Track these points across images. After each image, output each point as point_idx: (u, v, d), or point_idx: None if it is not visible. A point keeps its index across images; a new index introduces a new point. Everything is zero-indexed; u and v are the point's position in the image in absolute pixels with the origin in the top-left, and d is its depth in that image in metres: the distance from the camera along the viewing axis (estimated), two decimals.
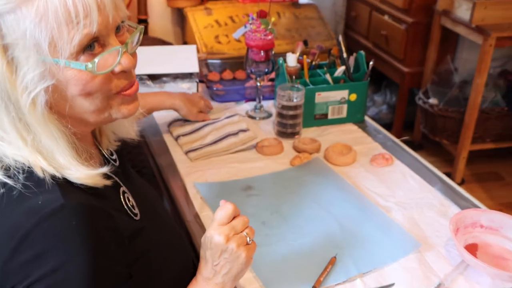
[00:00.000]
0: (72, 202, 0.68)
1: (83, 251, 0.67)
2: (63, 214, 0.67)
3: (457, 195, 1.25)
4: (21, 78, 0.66)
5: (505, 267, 1.04)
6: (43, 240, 0.66)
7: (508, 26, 2.33)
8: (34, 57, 0.66)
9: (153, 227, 0.86)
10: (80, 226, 0.67)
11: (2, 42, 0.65)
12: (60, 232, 0.67)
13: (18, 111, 0.68)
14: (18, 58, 0.66)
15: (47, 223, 0.66)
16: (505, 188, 2.67)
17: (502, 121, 2.61)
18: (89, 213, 0.69)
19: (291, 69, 1.55)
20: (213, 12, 2.39)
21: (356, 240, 1.09)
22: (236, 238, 0.83)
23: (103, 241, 0.70)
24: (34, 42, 0.65)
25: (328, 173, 1.32)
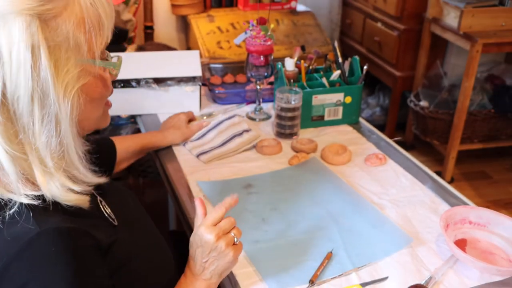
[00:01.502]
0: (48, 228, 0.65)
1: (66, 275, 0.65)
2: (40, 242, 0.65)
3: (447, 193, 1.24)
4: (63, 78, 0.67)
5: (492, 261, 1.03)
6: (24, 271, 0.64)
7: (494, 33, 2.33)
8: (74, 58, 0.68)
9: (132, 233, 0.85)
10: (59, 250, 0.65)
11: (48, 44, 0.65)
12: (40, 260, 0.64)
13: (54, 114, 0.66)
14: (61, 59, 0.67)
15: (26, 253, 0.64)
16: (492, 186, 2.67)
17: (489, 123, 2.60)
18: (67, 236, 0.67)
19: (289, 73, 1.55)
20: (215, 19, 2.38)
21: (351, 236, 1.08)
22: (224, 237, 0.86)
23: (84, 260, 0.68)
24: (74, 43, 0.68)
25: (325, 172, 1.31)
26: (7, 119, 0.65)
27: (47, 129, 0.66)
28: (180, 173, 1.31)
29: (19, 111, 0.65)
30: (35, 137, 0.66)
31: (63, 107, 0.67)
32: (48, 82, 0.65)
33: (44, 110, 0.66)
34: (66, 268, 0.65)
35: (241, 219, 1.13)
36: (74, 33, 0.67)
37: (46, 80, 0.65)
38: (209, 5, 2.50)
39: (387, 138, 1.51)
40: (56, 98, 0.66)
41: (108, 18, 0.72)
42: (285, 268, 0.99)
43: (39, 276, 0.64)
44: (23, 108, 0.65)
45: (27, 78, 0.63)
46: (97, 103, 0.76)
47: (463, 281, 0.98)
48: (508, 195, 2.60)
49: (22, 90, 0.64)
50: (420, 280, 0.97)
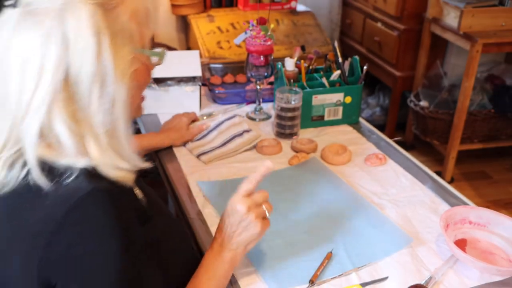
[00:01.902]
0: (100, 187, 0.70)
1: (115, 233, 0.69)
2: (92, 200, 0.69)
3: (447, 193, 1.24)
4: (119, 63, 0.72)
5: (492, 261, 1.03)
6: (77, 227, 0.68)
7: (494, 33, 2.32)
8: (128, 46, 0.74)
9: (159, 216, 0.89)
10: (110, 209, 0.70)
11: (109, 32, 0.71)
12: (93, 217, 0.69)
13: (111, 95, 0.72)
14: (118, 46, 0.72)
15: (78, 211, 0.68)
16: (492, 186, 2.67)
17: (489, 123, 2.60)
18: (117, 196, 0.72)
19: (289, 73, 1.54)
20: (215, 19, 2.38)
21: (351, 236, 1.08)
22: (255, 209, 0.88)
23: (131, 221, 0.73)
24: (129, 33, 0.74)
25: (325, 172, 1.31)
26: (69, 97, 0.70)
27: (103, 109, 0.72)
28: (180, 173, 1.31)
29: (80, 91, 0.70)
30: (93, 115, 0.72)
31: (118, 90, 0.72)
32: (108, 66, 0.71)
33: (103, 91, 0.71)
34: (115, 228, 0.70)
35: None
36: (129, 24, 0.74)
37: (107, 64, 0.71)
38: (209, 5, 2.50)
39: (387, 138, 1.51)
40: (114, 81, 0.72)
41: (154, 12, 0.80)
42: (285, 268, 0.99)
43: (91, 233, 0.69)
44: (84, 88, 0.70)
45: (91, 62, 0.69)
46: (141, 90, 0.84)
47: (463, 281, 0.98)
48: (508, 195, 2.60)
49: (85, 72, 0.69)
50: (420, 280, 0.97)
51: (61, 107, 0.69)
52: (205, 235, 1.09)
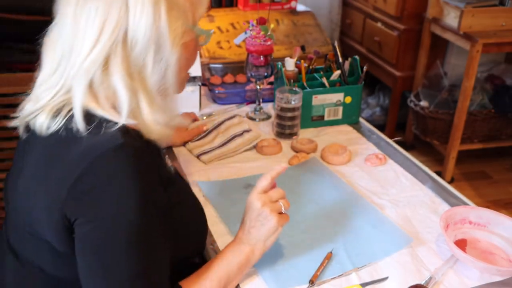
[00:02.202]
0: (129, 142, 0.76)
1: (135, 188, 0.74)
2: (120, 153, 0.74)
3: (447, 193, 1.24)
4: (173, 32, 0.79)
5: (492, 261, 1.03)
6: (102, 173, 0.74)
7: (494, 33, 2.32)
8: (181, 19, 0.81)
9: (182, 188, 0.96)
10: (135, 162, 0.75)
11: (166, 4, 0.78)
12: (118, 168, 0.74)
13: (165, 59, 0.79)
14: (173, 18, 0.79)
15: (104, 160, 0.74)
16: (492, 186, 2.67)
17: (489, 123, 2.60)
18: (145, 155, 0.77)
19: (289, 73, 1.54)
20: (215, 19, 2.38)
21: (351, 236, 1.08)
22: (270, 204, 0.92)
23: (153, 181, 0.78)
24: (183, 9, 0.82)
25: (325, 172, 1.31)
26: (126, 56, 0.77)
27: (158, 71, 0.79)
28: (180, 173, 1.31)
29: (137, 52, 0.77)
30: (148, 76, 0.79)
31: (171, 56, 0.79)
32: (163, 33, 0.78)
33: (157, 55, 0.79)
34: (138, 182, 0.75)
35: (241, 219, 1.12)
36: (184, 1, 0.82)
37: (162, 31, 0.78)
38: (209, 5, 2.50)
39: (387, 138, 1.51)
40: (168, 47, 0.79)
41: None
42: (285, 268, 0.99)
43: (114, 182, 0.74)
44: (141, 50, 0.77)
45: (147, 27, 0.76)
46: (189, 64, 0.90)
47: (463, 281, 0.98)
48: (508, 195, 2.60)
49: (141, 35, 0.76)
50: (420, 280, 0.97)
51: (118, 63, 0.77)
52: None
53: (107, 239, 0.74)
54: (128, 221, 0.74)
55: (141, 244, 0.76)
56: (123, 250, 0.75)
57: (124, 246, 0.75)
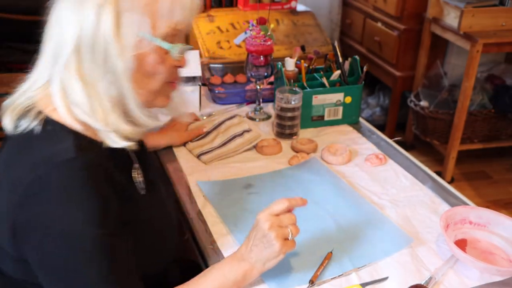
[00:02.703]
0: (81, 157, 0.75)
1: (85, 198, 0.74)
2: (71, 166, 0.74)
3: (447, 193, 1.24)
4: (122, 40, 0.76)
5: (492, 261, 1.03)
6: (51, 187, 0.73)
7: (494, 33, 2.32)
8: (135, 28, 0.77)
9: (154, 207, 0.92)
10: (84, 176, 0.74)
11: (116, 8, 0.76)
12: (67, 181, 0.73)
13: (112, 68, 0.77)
14: (124, 25, 0.77)
15: (57, 172, 0.73)
16: (492, 186, 2.67)
17: (489, 123, 2.60)
18: (94, 167, 0.76)
19: (289, 73, 1.54)
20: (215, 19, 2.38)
21: (351, 236, 1.08)
22: (278, 229, 0.88)
23: (103, 190, 0.76)
24: (139, 17, 0.77)
25: (324, 172, 1.31)
26: (80, 60, 0.77)
27: (105, 78, 0.78)
28: (180, 173, 1.31)
29: (85, 57, 0.77)
30: (97, 81, 0.78)
31: (119, 64, 0.77)
32: (108, 40, 0.76)
33: (104, 62, 0.77)
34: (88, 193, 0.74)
35: (241, 219, 1.13)
36: (142, 8, 0.77)
37: (107, 37, 0.76)
38: (209, 5, 2.50)
39: (387, 138, 1.51)
40: (114, 55, 0.76)
41: (183, 10, 0.80)
42: (285, 268, 0.99)
43: (64, 195, 0.73)
44: (88, 55, 0.77)
45: (92, 32, 0.75)
46: (151, 77, 0.83)
47: (463, 281, 0.98)
48: (508, 195, 2.60)
49: (87, 40, 0.76)
50: (420, 280, 0.97)
51: (75, 68, 0.77)
52: (205, 235, 1.09)
53: (59, 252, 0.73)
54: (78, 233, 0.73)
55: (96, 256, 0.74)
56: (78, 263, 0.74)
57: (79, 260, 0.74)
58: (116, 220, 0.78)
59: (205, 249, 1.05)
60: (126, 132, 0.81)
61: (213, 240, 1.07)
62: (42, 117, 0.79)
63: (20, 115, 0.80)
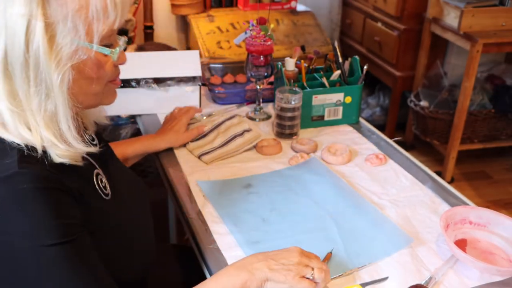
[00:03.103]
0: (25, 170, 0.71)
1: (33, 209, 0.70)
2: (13, 180, 0.70)
3: (447, 193, 1.24)
4: (55, 53, 0.73)
5: (492, 261, 1.03)
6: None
7: (494, 33, 2.33)
8: (69, 37, 0.73)
9: (123, 210, 0.90)
10: (28, 188, 0.71)
11: (46, 21, 0.71)
12: (12, 196, 0.70)
13: (46, 82, 0.73)
14: (57, 36, 0.72)
15: (2, 187, 0.70)
16: (492, 186, 2.67)
17: (489, 123, 2.60)
18: (40, 179, 0.72)
19: (289, 73, 1.55)
20: (215, 19, 2.38)
21: (351, 236, 1.08)
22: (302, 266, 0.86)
23: (52, 198, 0.73)
24: (72, 25, 0.73)
25: (324, 172, 1.31)
26: (8, 78, 0.73)
27: (39, 94, 0.73)
28: (180, 173, 1.31)
29: (16, 74, 0.72)
30: (30, 98, 0.73)
31: (54, 78, 0.73)
32: (39, 54, 0.71)
33: (37, 78, 0.73)
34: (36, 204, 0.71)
35: (241, 219, 1.13)
36: (74, 16, 0.72)
37: (38, 51, 0.71)
38: (209, 5, 2.50)
39: (387, 138, 1.51)
40: (48, 70, 0.72)
41: (117, 8, 0.76)
42: None
43: (10, 211, 0.70)
44: (19, 72, 0.72)
45: (21, 47, 0.71)
46: (93, 81, 0.80)
47: (463, 281, 0.98)
48: (508, 195, 2.60)
49: (17, 56, 0.71)
50: (420, 280, 0.97)
51: (1, 87, 0.73)
52: (205, 235, 1.09)
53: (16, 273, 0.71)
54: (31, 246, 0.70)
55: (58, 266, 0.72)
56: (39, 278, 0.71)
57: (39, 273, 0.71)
58: (73, 227, 0.75)
59: (205, 249, 1.05)
60: (62, 152, 0.77)
61: (212, 240, 1.07)
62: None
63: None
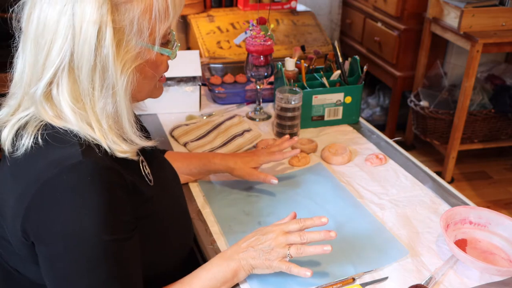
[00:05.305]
0: (89, 160, 0.74)
1: (95, 202, 0.73)
2: (80, 169, 0.73)
3: (447, 193, 1.24)
4: (122, 57, 0.75)
5: (492, 261, 1.03)
6: (60, 190, 0.72)
7: (494, 33, 2.32)
8: (135, 40, 0.75)
9: (164, 196, 0.92)
10: (93, 180, 0.73)
11: (114, 26, 0.73)
12: (76, 185, 0.73)
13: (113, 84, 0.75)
14: (124, 41, 0.75)
15: (66, 176, 0.72)
16: (492, 186, 2.67)
17: (489, 123, 2.60)
18: (102, 171, 0.74)
19: (289, 73, 1.55)
20: (215, 19, 2.38)
21: (349, 244, 1.06)
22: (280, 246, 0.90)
23: (114, 194, 0.75)
24: (138, 28, 0.75)
25: (328, 177, 1.29)
26: (74, 82, 0.75)
27: (104, 97, 0.76)
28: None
29: (82, 78, 0.74)
30: (94, 101, 0.76)
31: (119, 81, 0.75)
32: (108, 59, 0.74)
33: (103, 81, 0.75)
34: (96, 197, 0.73)
35: (236, 221, 1.12)
36: (139, 19, 0.75)
37: (107, 56, 0.73)
38: (209, 5, 2.50)
39: (387, 138, 1.51)
40: (114, 73, 0.75)
41: (176, 8, 0.79)
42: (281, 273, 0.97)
43: (72, 199, 0.72)
44: (85, 76, 0.74)
45: (91, 52, 0.73)
46: (150, 80, 0.84)
47: (463, 281, 0.98)
48: (508, 195, 2.60)
49: (86, 61, 0.73)
50: (420, 280, 0.97)
51: (64, 85, 0.75)
52: (205, 235, 1.09)
53: (65, 257, 0.74)
54: (87, 238, 0.73)
55: (102, 261, 0.74)
56: (84, 268, 0.74)
57: (85, 264, 0.74)
58: (126, 225, 0.78)
59: (205, 249, 1.05)
60: (123, 149, 0.79)
61: (213, 240, 1.07)
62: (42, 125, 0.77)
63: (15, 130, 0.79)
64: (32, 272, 0.82)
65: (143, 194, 0.84)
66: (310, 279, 0.95)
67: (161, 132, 1.50)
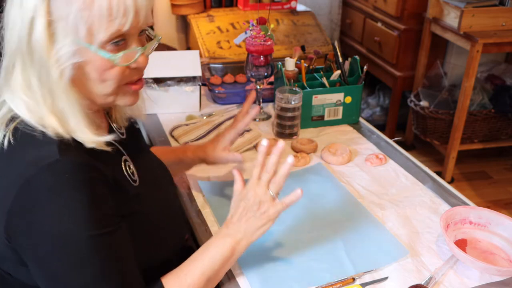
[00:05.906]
0: (66, 158, 0.73)
1: (76, 200, 0.73)
2: (57, 168, 0.72)
3: (447, 193, 1.24)
4: (56, 51, 0.73)
5: (492, 261, 1.03)
6: (40, 191, 0.72)
7: (494, 33, 2.32)
8: (70, 37, 0.73)
9: (151, 196, 0.91)
10: (71, 178, 0.73)
11: (48, 18, 0.72)
12: (53, 185, 0.72)
13: (47, 77, 0.74)
14: (58, 35, 0.73)
15: (43, 176, 0.72)
16: (492, 186, 2.67)
17: (489, 123, 2.60)
18: (81, 168, 0.74)
19: (290, 73, 1.55)
20: (215, 19, 2.38)
21: (349, 244, 1.06)
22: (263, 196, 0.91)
23: (93, 189, 0.75)
24: (74, 25, 0.72)
25: (329, 177, 1.29)
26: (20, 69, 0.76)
27: (41, 88, 0.76)
28: None
29: (20, 70, 0.76)
30: (36, 92, 0.76)
31: (54, 75, 0.74)
32: (40, 51, 0.73)
33: (39, 73, 0.75)
34: (78, 194, 0.73)
35: None
36: (76, 15, 0.72)
37: (38, 49, 0.73)
38: (209, 5, 2.50)
39: (387, 138, 1.51)
40: (48, 66, 0.74)
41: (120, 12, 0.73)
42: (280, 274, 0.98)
43: (52, 198, 0.72)
44: (22, 68, 0.75)
45: (22, 43, 0.73)
46: (99, 83, 0.79)
47: (463, 281, 0.98)
48: (508, 195, 2.60)
49: (19, 51, 0.74)
50: (420, 280, 0.97)
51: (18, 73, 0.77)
52: (205, 235, 1.09)
53: (53, 258, 0.73)
54: (73, 237, 0.73)
55: (93, 257, 0.74)
56: (75, 266, 0.73)
57: (75, 263, 0.73)
58: (111, 218, 0.78)
59: None
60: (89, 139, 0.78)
61: None
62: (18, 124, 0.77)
63: None
64: (23, 275, 0.81)
65: (127, 191, 0.83)
66: (310, 279, 0.96)
67: (161, 132, 1.50)
